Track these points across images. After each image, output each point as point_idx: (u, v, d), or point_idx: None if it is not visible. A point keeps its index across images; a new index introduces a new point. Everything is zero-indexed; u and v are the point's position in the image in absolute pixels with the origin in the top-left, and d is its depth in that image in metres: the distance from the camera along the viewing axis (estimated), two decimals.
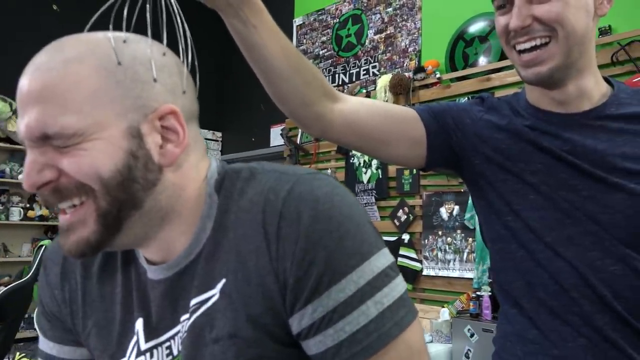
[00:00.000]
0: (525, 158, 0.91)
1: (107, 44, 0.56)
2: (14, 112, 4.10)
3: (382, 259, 0.58)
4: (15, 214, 4.26)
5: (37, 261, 2.81)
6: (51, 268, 0.73)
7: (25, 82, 0.54)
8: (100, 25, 0.59)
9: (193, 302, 0.61)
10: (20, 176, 4.20)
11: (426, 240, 3.49)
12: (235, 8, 0.77)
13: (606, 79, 0.95)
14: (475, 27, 3.42)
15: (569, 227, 0.87)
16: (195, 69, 0.63)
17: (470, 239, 3.26)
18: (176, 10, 0.60)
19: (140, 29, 0.60)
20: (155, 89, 0.57)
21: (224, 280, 0.60)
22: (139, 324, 0.65)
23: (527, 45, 0.87)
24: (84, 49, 0.55)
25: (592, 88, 0.91)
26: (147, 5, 0.60)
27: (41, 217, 4.37)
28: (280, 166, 0.65)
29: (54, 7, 4.62)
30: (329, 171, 4.10)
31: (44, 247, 2.86)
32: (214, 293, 0.60)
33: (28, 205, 4.38)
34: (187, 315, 0.61)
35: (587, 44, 0.88)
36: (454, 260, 3.34)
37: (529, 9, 0.85)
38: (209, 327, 0.59)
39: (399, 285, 0.59)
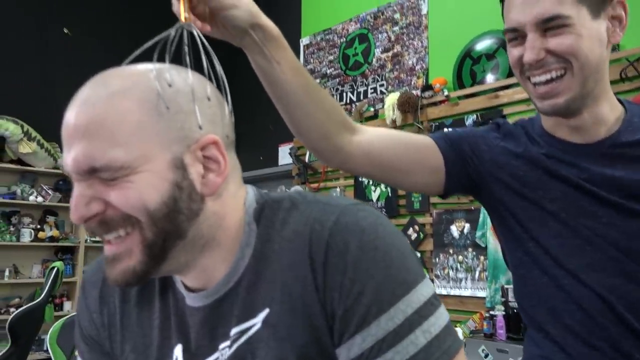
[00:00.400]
0: (543, 186, 0.91)
1: (150, 76, 0.57)
2: (25, 133, 4.14)
3: (427, 287, 0.59)
4: (26, 235, 4.28)
5: (48, 283, 2.82)
6: (90, 292, 0.74)
7: (71, 116, 0.55)
8: (127, 52, 0.60)
9: (234, 331, 0.61)
10: (31, 197, 4.23)
11: (437, 259, 3.47)
12: (260, 45, 0.78)
13: (618, 99, 0.95)
14: (482, 45, 3.44)
15: (589, 254, 0.87)
16: (228, 98, 0.64)
17: (482, 257, 3.23)
18: (207, 45, 0.62)
19: (172, 60, 0.61)
20: (196, 120, 0.58)
21: (267, 310, 0.60)
22: (178, 350, 0.65)
23: (543, 78, 0.87)
24: (127, 82, 0.56)
25: (608, 113, 0.91)
26: (185, 41, 0.61)
27: (51, 238, 4.38)
28: (322, 197, 0.66)
29: (65, 30, 4.69)
30: (338, 189, 4.10)
31: (55, 269, 2.87)
32: (256, 322, 0.60)
33: (39, 227, 4.40)
34: (227, 343, 0.62)
35: (602, 72, 0.88)
36: (466, 278, 3.31)
37: (542, 42, 0.85)
38: (250, 356, 0.60)
39: (444, 314, 0.59)
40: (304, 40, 4.78)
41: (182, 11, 0.66)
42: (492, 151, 0.98)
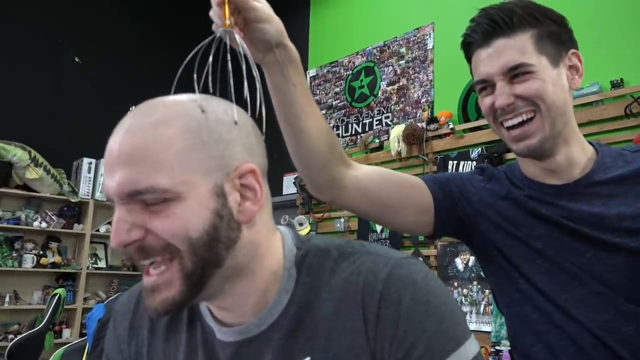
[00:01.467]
0: (528, 224, 0.95)
1: (192, 106, 0.59)
2: (32, 159, 4.17)
3: (475, 345, 0.60)
4: (28, 261, 4.26)
5: (50, 310, 2.80)
6: (120, 322, 0.74)
7: (115, 144, 0.56)
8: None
9: None
10: (35, 223, 4.23)
11: None
12: (281, 65, 0.82)
13: (590, 143, 1.00)
14: None
15: (577, 290, 0.89)
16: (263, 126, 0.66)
17: (487, 291, 3.20)
18: (247, 50, 0.64)
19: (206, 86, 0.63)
20: (235, 148, 0.59)
21: (307, 359, 0.60)
22: None
23: (515, 121, 0.93)
24: (171, 111, 0.58)
25: (580, 155, 0.96)
26: (227, 45, 0.63)
27: (53, 264, 4.36)
28: (371, 246, 0.67)
29: (76, 59, 4.77)
30: (342, 220, 4.10)
31: (57, 295, 2.85)
32: None
33: (41, 252, 4.38)
34: None
35: (568, 115, 0.94)
36: (471, 312, 3.27)
37: (511, 88, 0.91)
38: None
39: None
40: (311, 72, 4.85)
41: (225, 17, 0.68)
42: (479, 193, 1.02)
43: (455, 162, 3.52)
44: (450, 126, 3.57)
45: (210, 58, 0.61)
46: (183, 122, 0.57)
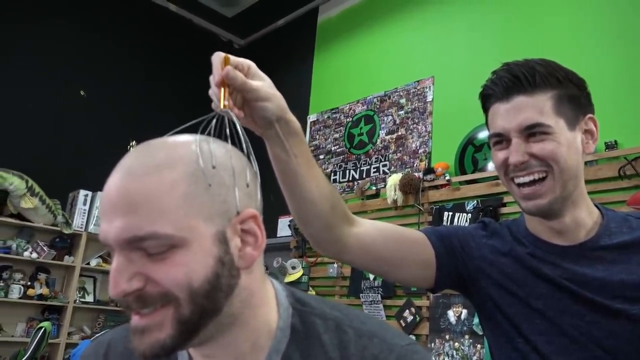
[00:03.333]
0: (529, 283, 0.95)
1: (194, 148, 0.58)
2: (29, 189, 4.16)
3: None
4: (15, 292, 4.18)
5: (33, 344, 2.73)
6: None
7: (115, 186, 0.54)
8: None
9: None
10: (25, 253, 4.18)
11: (433, 344, 3.38)
12: (282, 139, 0.82)
13: (596, 205, 1.01)
14: (485, 134, 3.53)
15: (575, 353, 0.88)
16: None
17: (479, 346, 3.15)
18: (243, 133, 0.64)
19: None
20: (236, 194, 0.59)
21: None
22: None
23: (527, 179, 0.93)
24: (174, 154, 0.56)
25: (586, 218, 0.97)
26: (225, 127, 0.63)
27: (40, 296, 4.28)
28: (372, 324, 0.66)
29: (82, 92, 4.84)
30: (335, 265, 4.07)
31: (42, 329, 2.79)
32: None
33: (29, 283, 4.31)
34: None
35: (579, 177, 0.96)
36: None
37: (526, 146, 0.92)
38: None
39: None
40: (312, 117, 4.92)
41: (222, 98, 0.69)
42: (481, 249, 1.02)
43: (450, 213, 3.53)
44: (447, 177, 3.61)
45: (212, 146, 0.61)
46: (186, 165, 0.56)
